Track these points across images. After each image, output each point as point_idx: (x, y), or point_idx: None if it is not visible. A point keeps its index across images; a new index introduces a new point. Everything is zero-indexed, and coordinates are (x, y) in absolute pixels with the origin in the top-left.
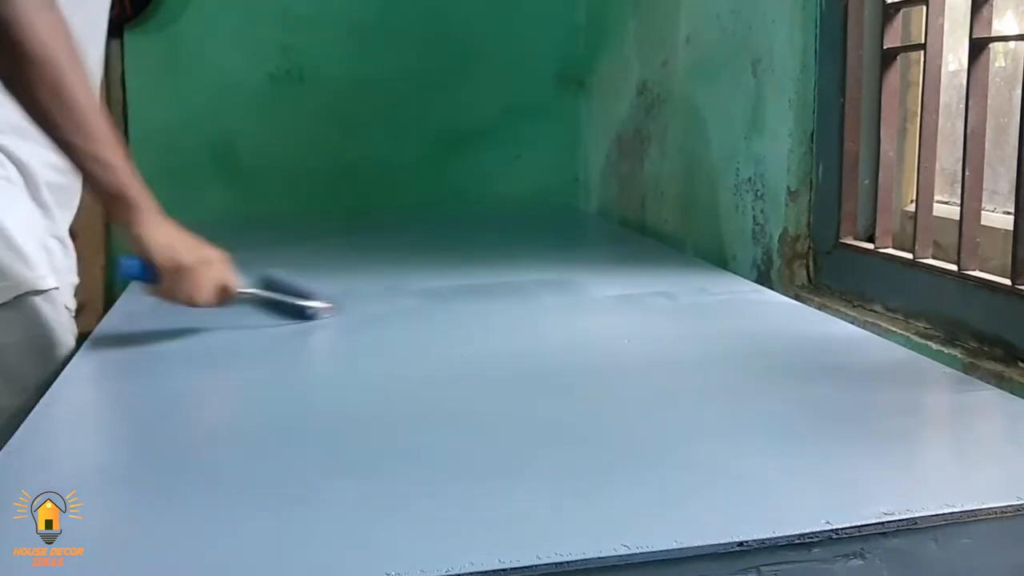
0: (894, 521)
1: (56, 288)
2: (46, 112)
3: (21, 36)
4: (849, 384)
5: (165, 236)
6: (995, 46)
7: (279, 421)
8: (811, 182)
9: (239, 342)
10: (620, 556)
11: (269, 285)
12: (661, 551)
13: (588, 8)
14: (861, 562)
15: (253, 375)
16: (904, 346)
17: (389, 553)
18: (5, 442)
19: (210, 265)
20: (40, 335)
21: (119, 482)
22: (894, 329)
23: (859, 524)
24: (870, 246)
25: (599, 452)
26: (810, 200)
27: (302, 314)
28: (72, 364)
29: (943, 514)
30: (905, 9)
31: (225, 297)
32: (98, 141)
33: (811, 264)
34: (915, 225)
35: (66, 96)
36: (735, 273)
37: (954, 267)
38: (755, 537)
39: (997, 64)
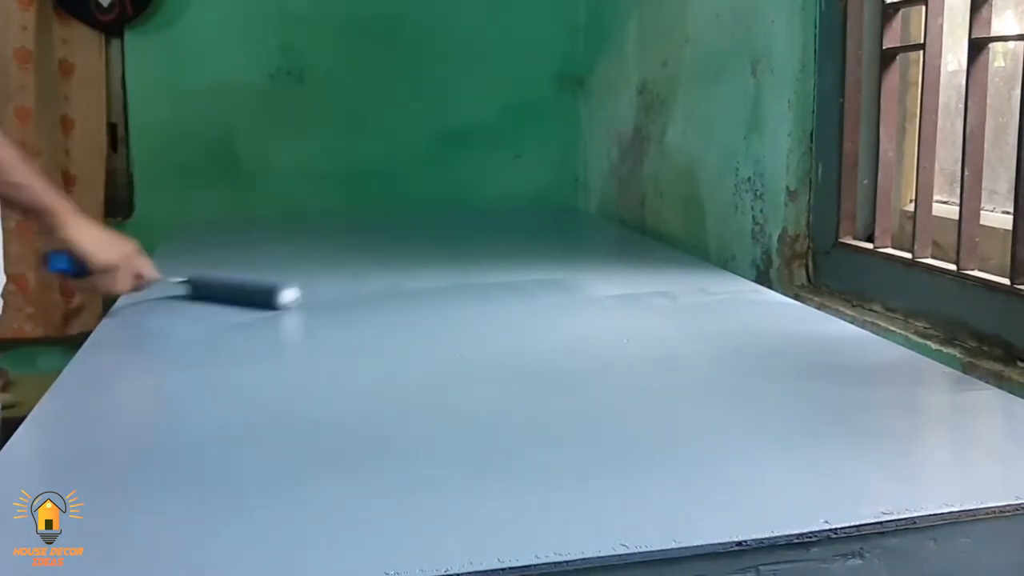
0: (893, 521)
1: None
2: None
3: None
4: (848, 384)
5: (91, 238)
6: (994, 46)
7: (278, 421)
8: (810, 182)
9: (238, 342)
10: (619, 556)
11: (203, 284)
12: (660, 551)
13: (588, 8)
14: (860, 562)
15: (252, 375)
16: (903, 346)
17: (389, 553)
18: (5, 442)
19: (130, 259)
20: None
21: (119, 482)
22: (893, 329)
23: (858, 524)
24: (869, 246)
25: (598, 452)
26: (809, 200)
27: (270, 301)
28: (72, 364)
29: (942, 514)
30: (904, 9)
31: (141, 284)
32: (11, 170)
33: (810, 264)
34: (914, 225)
35: None
36: (735, 273)
37: (953, 267)
38: (754, 537)
39: (996, 64)
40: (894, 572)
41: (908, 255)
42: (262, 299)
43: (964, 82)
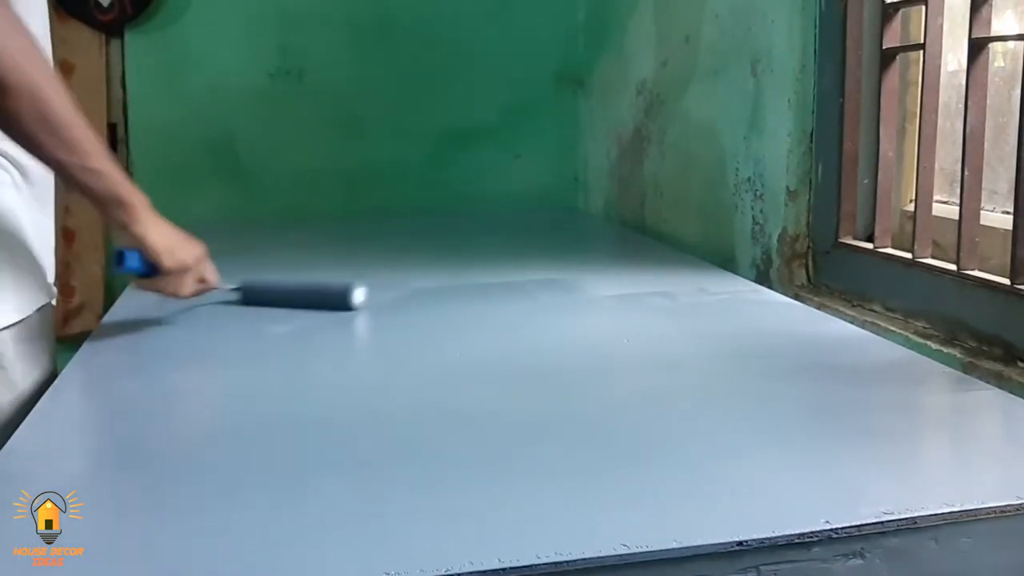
0: (893, 521)
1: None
2: (32, 137)
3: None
4: (848, 384)
5: (165, 237)
6: (994, 46)
7: (278, 420)
8: (810, 182)
9: (238, 342)
10: (620, 556)
11: (257, 290)
12: (661, 551)
13: (588, 8)
14: (860, 562)
15: (253, 374)
16: (903, 346)
17: (388, 553)
18: (4, 442)
19: (200, 262)
20: (46, 343)
21: (119, 482)
22: (893, 329)
23: (858, 524)
24: (869, 246)
25: (599, 452)
26: (809, 200)
27: (342, 302)
28: (72, 363)
29: (942, 513)
30: (904, 9)
31: (202, 290)
32: (86, 153)
33: (810, 264)
34: (914, 225)
35: (50, 118)
36: (734, 273)
37: (953, 267)
38: (754, 537)
39: (996, 64)
40: (895, 572)
41: (908, 255)
42: (333, 301)
43: (964, 82)
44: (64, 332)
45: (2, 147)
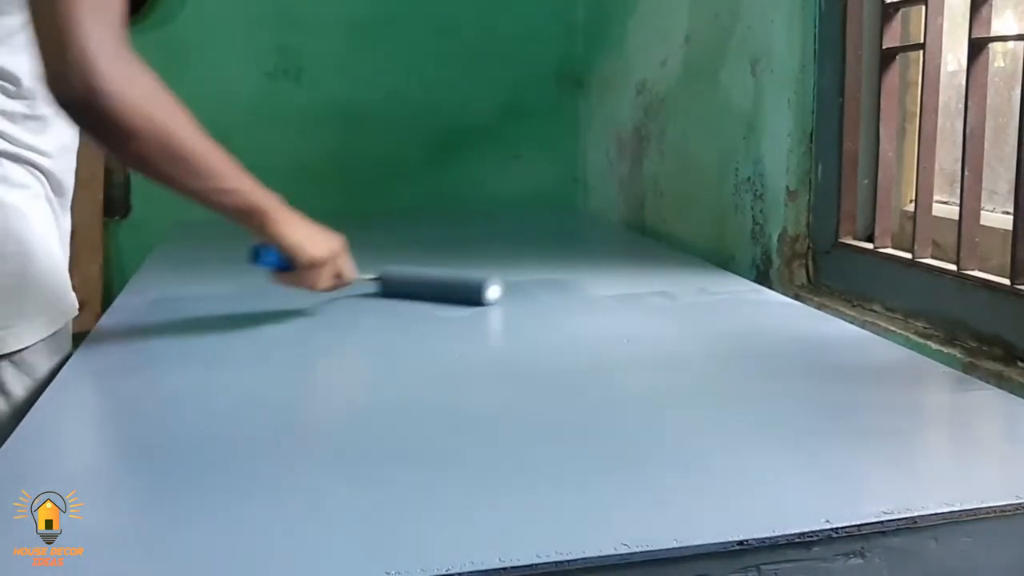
0: (894, 520)
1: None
2: (164, 174)
3: (124, 119)
4: (848, 383)
5: (299, 233)
6: (994, 46)
7: (278, 421)
8: (810, 182)
9: (237, 341)
10: (620, 555)
11: (396, 281)
12: (661, 550)
13: (587, 7)
14: (861, 561)
15: (252, 374)
16: (903, 346)
17: (389, 553)
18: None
19: (336, 257)
20: (67, 354)
21: (119, 482)
22: (893, 329)
23: (859, 523)
24: (869, 246)
25: (599, 452)
26: (809, 200)
27: (476, 297)
28: (70, 363)
29: (943, 513)
30: (904, 9)
31: (339, 284)
32: (218, 176)
33: (810, 264)
34: (914, 225)
35: (179, 153)
36: (734, 273)
37: (953, 267)
38: (755, 536)
39: (996, 64)
40: (895, 571)
41: (908, 255)
42: (468, 294)
43: (964, 82)
44: None
45: (31, 157)
